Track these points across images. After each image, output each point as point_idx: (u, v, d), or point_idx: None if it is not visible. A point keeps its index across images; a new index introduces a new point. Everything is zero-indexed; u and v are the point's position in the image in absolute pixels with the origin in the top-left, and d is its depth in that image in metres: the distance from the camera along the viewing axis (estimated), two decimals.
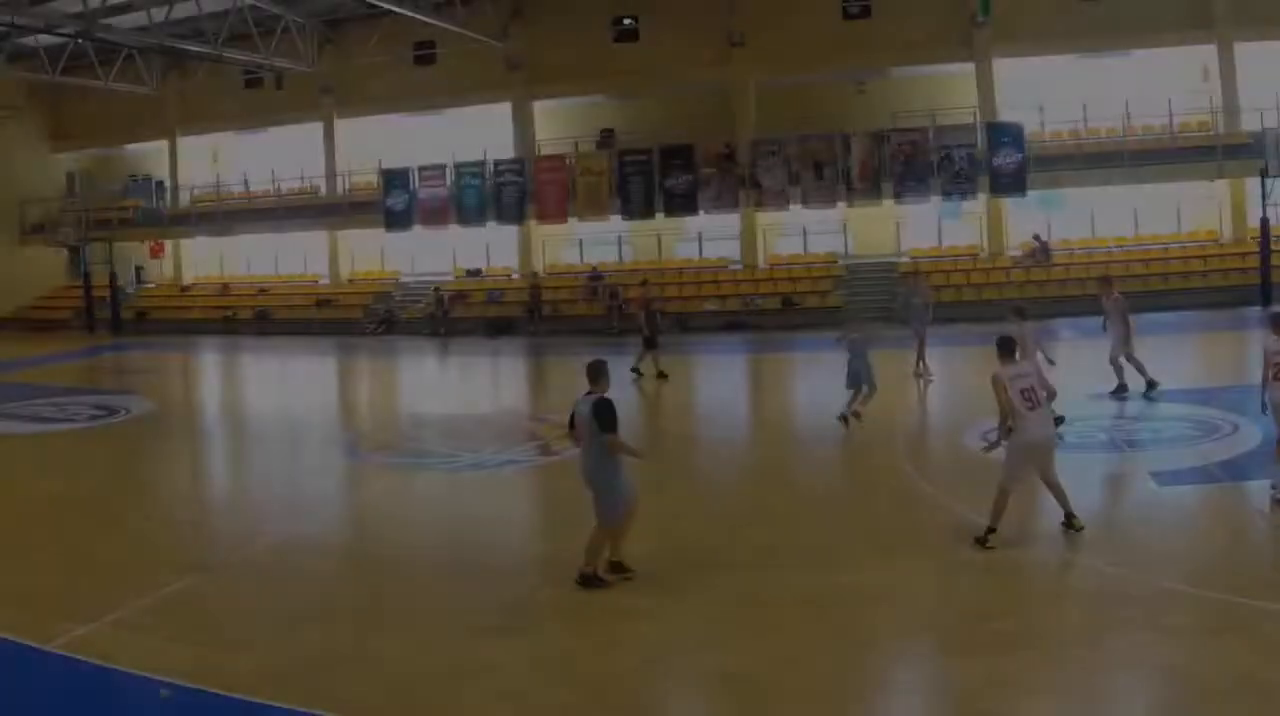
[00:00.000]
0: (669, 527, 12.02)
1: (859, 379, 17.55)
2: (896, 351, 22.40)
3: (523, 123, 40.99)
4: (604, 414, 10.16)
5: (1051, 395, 11.40)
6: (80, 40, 38.26)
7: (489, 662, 8.64)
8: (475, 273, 41.79)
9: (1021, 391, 10.89)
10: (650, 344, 25.09)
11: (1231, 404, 16.62)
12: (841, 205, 37.39)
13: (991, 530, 10.91)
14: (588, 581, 10.31)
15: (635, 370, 24.93)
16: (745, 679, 8.25)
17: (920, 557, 10.86)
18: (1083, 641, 8.55)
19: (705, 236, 40.37)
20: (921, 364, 22.71)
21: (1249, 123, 34.86)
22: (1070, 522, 11.13)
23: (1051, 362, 16.61)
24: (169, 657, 8.76)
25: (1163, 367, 18.50)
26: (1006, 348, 11.49)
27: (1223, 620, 8.69)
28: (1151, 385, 18.43)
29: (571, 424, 10.67)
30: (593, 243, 41.48)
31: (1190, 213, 37.05)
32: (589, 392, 10.50)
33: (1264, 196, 32.72)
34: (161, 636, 9.33)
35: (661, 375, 24.67)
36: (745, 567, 10.82)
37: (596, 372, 10.59)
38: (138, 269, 48.45)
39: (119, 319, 43.29)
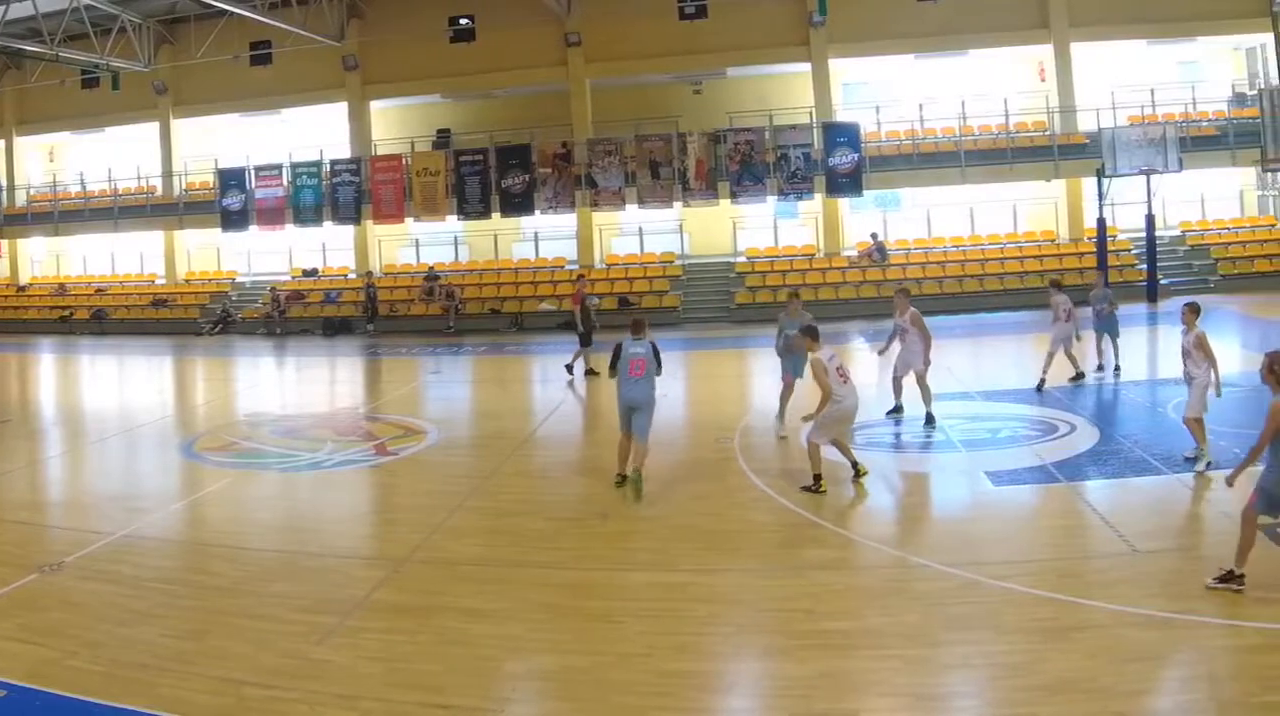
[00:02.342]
0: (504, 526, 10.95)
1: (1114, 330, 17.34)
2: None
3: (359, 123, 34.27)
4: (658, 355, 11.63)
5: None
6: None
7: (324, 662, 7.51)
8: (312, 273, 35.13)
9: (837, 369, 11.03)
10: (586, 341, 20.89)
11: (1068, 404, 15.06)
12: (678, 205, 31.15)
13: (818, 477, 10.98)
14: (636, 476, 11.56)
15: (588, 370, 20.47)
16: (579, 677, 7.15)
17: (755, 557, 9.58)
18: (918, 641, 7.43)
19: (542, 236, 33.94)
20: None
21: (1085, 123, 29.79)
22: (856, 472, 11.25)
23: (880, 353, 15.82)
24: (5, 658, 7.69)
25: (999, 368, 17.10)
26: (814, 334, 11.46)
27: (1058, 620, 7.58)
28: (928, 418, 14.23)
29: (614, 363, 11.70)
30: (429, 243, 34.89)
31: (1027, 213, 31.49)
32: (636, 338, 11.62)
33: (1100, 196, 27.70)
34: None
35: (591, 372, 20.25)
36: (580, 566, 9.52)
37: (642, 324, 11.94)
38: None
39: None
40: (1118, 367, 17.26)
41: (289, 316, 32.61)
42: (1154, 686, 6.74)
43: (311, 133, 34.85)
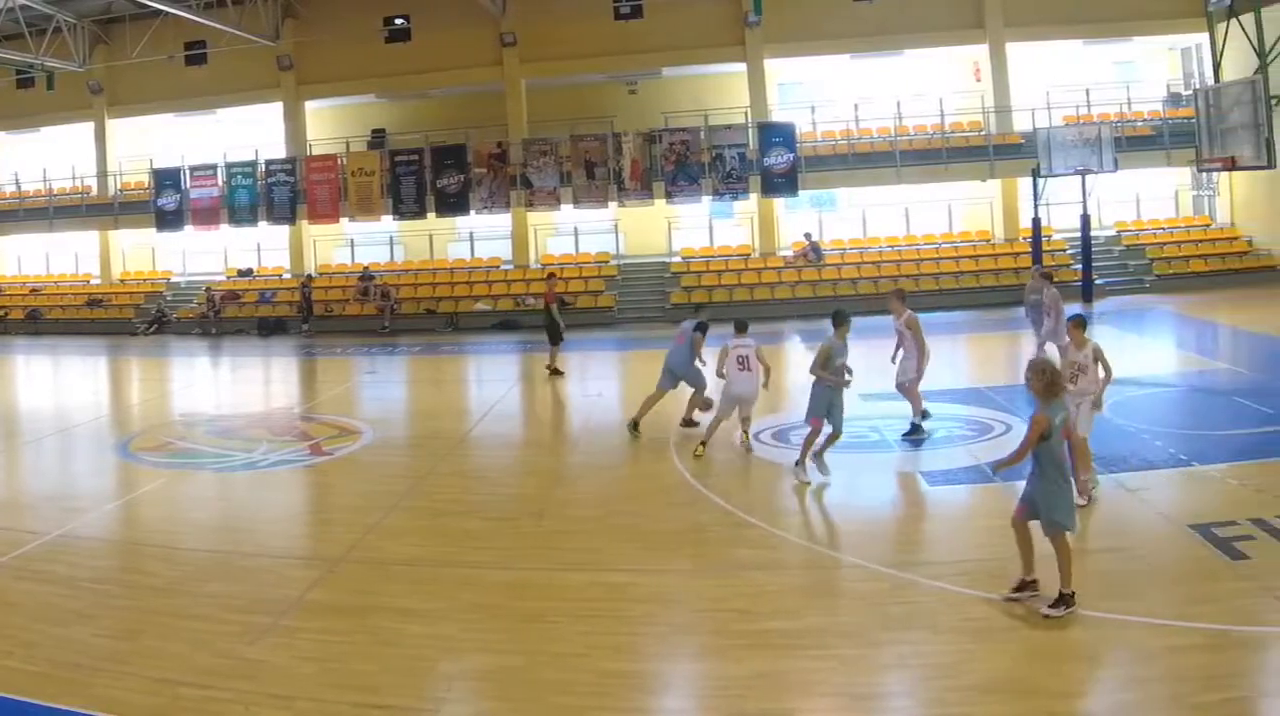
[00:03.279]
0: (440, 526, 10.50)
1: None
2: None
3: (294, 123, 32.17)
4: (704, 326, 13.62)
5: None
6: None
7: (259, 662, 7.18)
8: (247, 272, 33.02)
9: (738, 357, 12.13)
10: (558, 338, 20.01)
11: (1003, 404, 14.43)
12: (613, 205, 29.31)
13: (704, 443, 12.38)
14: (688, 423, 13.71)
15: (552, 369, 19.90)
16: (515, 677, 6.91)
17: (692, 557, 9.20)
18: (854, 641, 7.17)
19: (477, 236, 31.93)
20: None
21: (1021, 123, 28.07)
22: (702, 445, 12.34)
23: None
24: None
25: (935, 368, 15.15)
26: (742, 327, 12.62)
27: (993, 620, 7.33)
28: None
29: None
30: (364, 242, 32.79)
31: (962, 213, 29.72)
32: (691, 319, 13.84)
33: (1036, 196, 26.03)
34: None
35: (556, 372, 19.76)
36: (516, 566, 9.06)
37: (697, 306, 15.72)
38: None
39: None
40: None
41: (224, 316, 30.55)
42: (1088, 686, 6.59)
43: (247, 133, 32.76)
